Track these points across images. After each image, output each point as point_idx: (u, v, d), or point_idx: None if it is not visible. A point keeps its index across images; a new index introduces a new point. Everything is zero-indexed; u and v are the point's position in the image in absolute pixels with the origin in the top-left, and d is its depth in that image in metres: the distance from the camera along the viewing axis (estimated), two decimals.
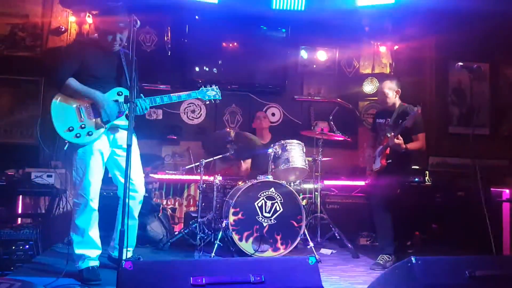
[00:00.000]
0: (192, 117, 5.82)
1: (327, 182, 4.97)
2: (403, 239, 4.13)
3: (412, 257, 1.95)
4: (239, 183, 4.06)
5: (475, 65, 3.15)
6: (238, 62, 5.75)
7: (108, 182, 3.15)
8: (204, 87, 3.22)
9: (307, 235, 3.70)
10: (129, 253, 3.05)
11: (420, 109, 3.44)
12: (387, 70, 6.04)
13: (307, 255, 2.06)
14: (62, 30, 5.16)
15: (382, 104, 3.96)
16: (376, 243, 4.36)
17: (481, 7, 4.82)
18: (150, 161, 4.91)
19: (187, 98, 3.18)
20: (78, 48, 3.05)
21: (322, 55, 6.00)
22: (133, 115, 2.54)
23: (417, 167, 5.07)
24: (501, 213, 4.27)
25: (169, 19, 5.58)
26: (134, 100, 2.56)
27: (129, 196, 2.33)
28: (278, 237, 3.59)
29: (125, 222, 2.30)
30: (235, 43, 5.80)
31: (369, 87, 6.00)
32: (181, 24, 5.60)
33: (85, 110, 2.87)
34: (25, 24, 5.17)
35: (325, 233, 4.19)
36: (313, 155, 4.34)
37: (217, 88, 3.26)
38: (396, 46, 6.03)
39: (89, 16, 5.26)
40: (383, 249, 3.63)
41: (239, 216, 3.56)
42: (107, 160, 3.02)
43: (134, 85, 2.58)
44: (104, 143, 2.96)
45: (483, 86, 5.97)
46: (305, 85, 6.09)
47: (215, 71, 5.72)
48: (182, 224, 4.74)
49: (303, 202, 4.20)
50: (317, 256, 3.62)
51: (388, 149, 3.65)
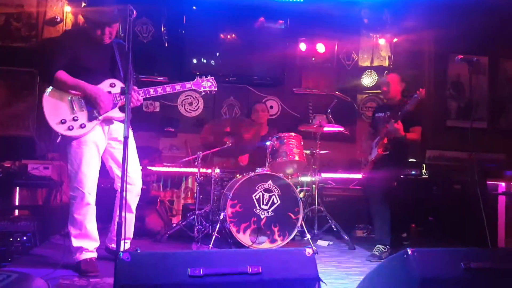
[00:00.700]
0: (189, 109, 5.80)
1: (325, 175, 4.97)
2: (399, 231, 4.16)
3: (408, 249, 1.96)
4: (237, 175, 4.06)
5: (475, 58, 3.15)
6: (236, 54, 5.71)
7: (105, 174, 3.14)
8: (199, 78, 3.19)
9: (304, 227, 3.72)
10: (127, 245, 3.06)
11: (424, 91, 3.44)
12: (386, 63, 6.02)
13: (304, 246, 2.05)
14: (58, 20, 5.10)
15: (384, 96, 3.95)
16: (373, 235, 4.39)
17: (480, 0, 4.80)
18: (147, 154, 4.89)
19: (181, 89, 3.13)
20: (68, 40, 2.98)
21: (321, 48, 5.96)
22: (129, 107, 2.52)
23: (414, 160, 5.08)
24: (496, 206, 4.29)
25: (166, 10, 5.53)
26: (130, 92, 2.53)
27: (126, 188, 2.31)
28: (276, 229, 3.60)
29: (122, 214, 2.30)
30: (233, 35, 5.76)
31: (367, 80, 5.98)
32: (179, 14, 5.55)
33: (77, 103, 2.83)
34: (20, 14, 5.10)
35: (322, 225, 4.21)
36: (311, 148, 4.34)
37: (212, 79, 3.22)
38: (395, 39, 6.01)
39: (84, 6, 5.20)
40: (380, 240, 3.65)
41: (237, 208, 3.57)
42: (103, 153, 3.00)
43: (130, 77, 2.55)
44: (99, 135, 2.93)
45: (482, 80, 5.97)
46: (303, 77, 6.07)
47: (213, 63, 5.69)
48: (180, 216, 4.74)
49: (301, 195, 4.21)
50: (314, 247, 3.63)
51: (385, 139, 3.65)
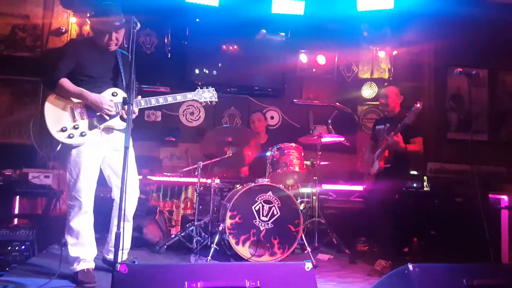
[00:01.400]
0: (191, 119, 5.82)
1: (325, 186, 4.96)
2: (401, 245, 4.12)
3: (409, 264, 1.94)
4: (237, 186, 4.04)
5: (474, 71, 3.15)
6: (237, 65, 5.77)
7: (103, 183, 3.13)
8: (200, 89, 3.22)
9: (304, 240, 3.69)
10: (124, 255, 3.03)
11: (421, 104, 3.44)
12: (386, 75, 6.05)
13: (304, 260, 2.04)
14: (63, 31, 5.17)
15: (383, 108, 3.96)
16: (374, 249, 4.35)
17: (480, 13, 4.84)
18: (148, 163, 4.90)
19: (182, 100, 3.15)
20: (72, 48, 3.02)
21: (321, 59, 6.01)
22: (131, 117, 2.53)
23: (415, 172, 5.06)
24: (499, 220, 4.25)
25: (170, 22, 5.60)
26: (132, 102, 2.54)
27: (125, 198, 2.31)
28: (275, 242, 3.57)
29: (121, 224, 2.29)
30: (235, 46, 5.81)
31: (368, 91, 6.01)
32: (182, 26, 5.62)
33: (79, 111, 2.85)
34: (26, 25, 5.18)
35: (322, 238, 4.18)
36: (312, 159, 4.33)
37: (213, 90, 3.25)
38: (395, 51, 6.04)
39: (89, 17, 5.26)
40: (381, 254, 3.61)
41: (236, 219, 3.54)
42: (102, 162, 3.00)
43: (133, 87, 2.56)
44: (98, 145, 2.94)
45: (482, 93, 5.98)
46: (304, 88, 6.10)
47: (215, 74, 5.74)
48: (179, 227, 4.72)
49: (301, 206, 4.19)
50: (314, 261, 3.60)
51: (386, 151, 3.64)
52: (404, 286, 1.96)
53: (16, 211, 4.28)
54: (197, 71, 5.70)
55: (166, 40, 5.61)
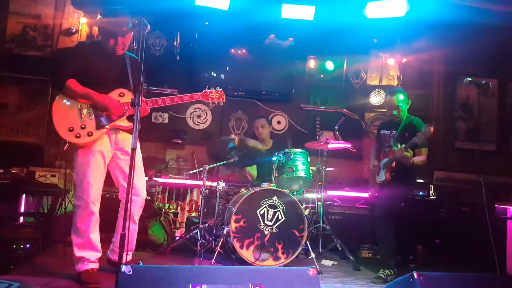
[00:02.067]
0: (197, 122, 5.83)
1: (331, 193, 4.94)
2: (405, 253, 4.09)
3: (414, 273, 1.93)
4: (242, 190, 4.04)
5: (483, 80, 3.13)
6: (245, 69, 5.79)
7: (110, 183, 3.14)
8: (208, 89, 3.22)
9: (308, 245, 3.67)
10: (129, 257, 3.04)
11: (433, 128, 3.39)
12: (395, 82, 6.03)
13: (308, 265, 2.03)
14: (73, 31, 5.22)
15: (390, 114, 3.91)
16: (378, 256, 4.32)
17: (491, 22, 4.81)
18: (154, 165, 4.91)
19: (189, 100, 3.16)
20: (80, 51, 3.05)
21: (330, 65, 6.02)
22: (139, 118, 2.53)
23: (422, 181, 5.03)
24: (505, 230, 4.21)
25: (179, 24, 5.62)
26: (140, 104, 2.55)
27: (131, 200, 2.31)
28: (280, 246, 3.56)
29: (126, 225, 2.29)
30: (244, 50, 5.83)
31: (376, 98, 5.99)
32: (191, 29, 5.65)
33: (86, 111, 2.87)
34: (37, 24, 5.23)
35: (327, 243, 4.16)
36: (318, 165, 4.32)
37: (221, 91, 3.25)
38: (404, 59, 6.03)
39: (97, 21, 5.31)
40: (385, 262, 3.59)
41: (241, 223, 3.54)
42: (108, 163, 3.02)
43: (141, 88, 2.57)
44: (106, 145, 2.95)
45: (491, 102, 5.95)
46: (311, 94, 6.10)
47: (223, 77, 5.76)
48: (184, 229, 4.71)
49: (306, 212, 4.18)
50: (318, 267, 3.58)
51: (394, 162, 3.61)
52: None
53: (22, 210, 4.30)
54: (205, 74, 5.72)
55: (175, 43, 5.63)
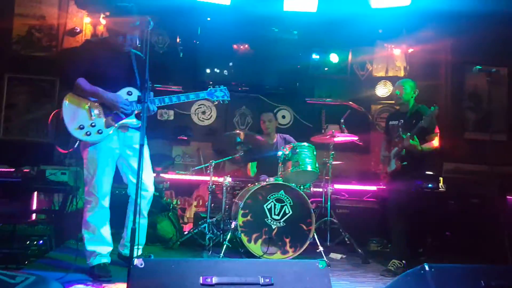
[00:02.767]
0: (202, 118, 5.84)
1: (338, 186, 4.91)
2: (415, 245, 4.06)
3: (426, 264, 1.91)
4: (249, 185, 4.04)
5: (493, 68, 3.09)
6: (249, 64, 5.76)
7: (119, 180, 3.17)
8: (213, 88, 3.24)
9: (316, 239, 3.67)
10: (139, 251, 3.06)
11: (438, 110, 3.39)
12: (401, 73, 5.97)
13: (317, 259, 2.02)
14: (77, 31, 5.25)
15: (396, 101, 3.89)
16: (387, 249, 4.30)
17: (499, 9, 4.73)
18: (161, 161, 4.94)
19: (195, 99, 3.20)
20: (87, 49, 3.08)
21: (334, 58, 5.96)
22: (146, 115, 2.55)
23: (431, 172, 4.98)
24: None
25: (182, 21, 5.62)
26: (146, 100, 2.56)
27: (140, 195, 2.34)
28: (287, 240, 3.56)
29: (136, 220, 2.31)
30: (246, 45, 5.80)
31: (382, 90, 5.93)
32: (194, 26, 5.64)
33: (95, 109, 2.91)
34: (41, 25, 5.28)
35: (334, 237, 4.15)
36: (324, 158, 4.30)
37: (225, 89, 3.28)
38: (410, 49, 5.96)
39: (103, 18, 5.33)
40: (395, 255, 3.57)
41: (248, 217, 3.55)
42: (117, 159, 3.05)
43: (147, 86, 2.58)
44: (115, 142, 2.99)
45: (501, 91, 5.85)
46: (316, 87, 6.06)
47: (226, 73, 5.75)
48: (192, 224, 4.74)
49: (313, 206, 4.17)
50: (326, 260, 3.57)
51: (403, 151, 3.59)
52: (420, 286, 1.93)
53: (34, 207, 4.36)
54: (208, 70, 5.72)
55: (178, 40, 5.64)
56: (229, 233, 3.59)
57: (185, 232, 4.19)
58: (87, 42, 3.44)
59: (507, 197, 4.24)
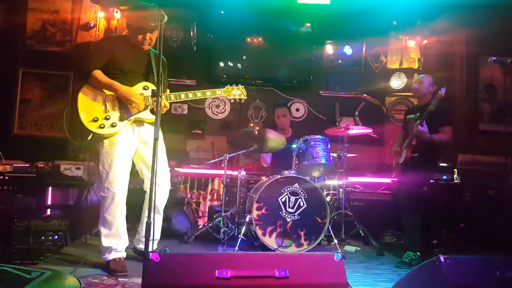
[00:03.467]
0: (216, 112, 5.85)
1: (352, 179, 4.90)
2: (430, 237, 4.05)
3: (441, 256, 1.91)
4: (263, 178, 4.06)
5: (509, 59, 3.04)
6: (262, 57, 5.75)
7: (134, 175, 3.20)
8: (230, 86, 3.24)
9: (331, 231, 3.67)
10: (154, 245, 3.09)
11: (444, 91, 3.35)
12: (416, 65, 5.89)
13: (331, 251, 2.03)
14: (91, 25, 5.28)
15: (414, 95, 3.88)
16: (402, 241, 4.28)
17: None
18: (175, 155, 4.97)
19: (211, 96, 3.22)
20: (108, 43, 3.11)
21: (348, 50, 5.92)
22: (160, 109, 2.56)
23: (446, 164, 4.94)
24: None
25: (195, 14, 5.62)
26: (161, 95, 2.58)
27: (155, 190, 2.36)
28: (302, 233, 3.57)
29: (151, 214, 2.34)
30: (260, 38, 5.79)
31: (396, 82, 5.85)
32: (207, 19, 5.64)
33: (110, 102, 2.93)
34: (55, 20, 5.31)
35: (349, 230, 4.15)
36: (338, 151, 4.29)
37: (242, 87, 3.27)
38: (425, 41, 5.87)
39: (117, 12, 5.35)
40: (409, 247, 3.56)
41: (263, 211, 3.56)
42: (133, 154, 3.07)
43: (161, 80, 2.60)
44: (130, 137, 3.00)
45: None
46: (330, 80, 6.01)
47: (239, 66, 5.73)
48: (206, 218, 4.78)
49: (327, 199, 4.17)
50: (341, 253, 3.58)
51: (414, 140, 3.56)
52: (436, 278, 1.93)
53: (49, 202, 4.42)
54: (222, 64, 5.72)
55: (192, 33, 5.64)
56: (244, 227, 3.61)
57: (200, 226, 4.23)
58: (107, 38, 3.47)
59: None
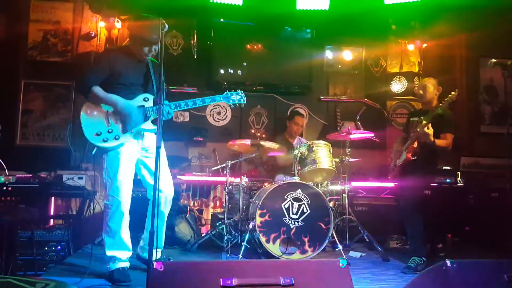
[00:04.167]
0: (218, 118, 5.86)
1: (355, 184, 4.88)
2: (434, 241, 4.02)
3: (447, 260, 1.89)
4: (265, 184, 4.05)
5: (509, 61, 3.04)
6: (262, 64, 5.77)
7: (137, 183, 3.20)
8: (229, 91, 3.24)
9: (335, 237, 3.65)
10: (158, 254, 3.09)
11: (456, 94, 3.36)
12: (416, 68, 5.90)
13: (336, 257, 2.01)
14: (92, 35, 5.30)
15: (420, 100, 3.87)
16: (407, 246, 4.26)
17: None
18: (177, 163, 4.97)
19: (211, 102, 3.21)
20: (107, 58, 3.10)
21: (347, 55, 5.95)
22: (162, 117, 2.56)
23: (448, 167, 4.92)
24: None
25: (195, 22, 5.67)
26: (162, 103, 2.58)
27: (158, 197, 2.35)
28: (306, 239, 3.55)
29: (155, 223, 2.33)
30: (259, 45, 5.81)
31: (397, 86, 5.87)
32: (207, 27, 5.67)
33: (112, 116, 2.94)
34: (56, 30, 5.34)
35: (353, 235, 4.13)
36: (340, 156, 4.29)
37: (241, 92, 3.27)
38: (424, 44, 5.88)
39: (118, 21, 5.38)
40: (415, 251, 3.53)
41: (266, 217, 3.55)
42: (136, 163, 3.07)
43: (163, 88, 2.60)
44: (133, 146, 3.01)
45: None
46: (331, 85, 6.04)
47: (240, 73, 5.76)
48: (209, 226, 4.76)
49: (331, 204, 4.15)
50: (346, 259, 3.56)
51: (415, 142, 3.55)
52: (442, 282, 1.91)
53: (52, 212, 4.41)
54: (222, 71, 5.74)
55: (192, 41, 5.67)
56: (247, 234, 3.59)
57: (203, 234, 4.21)
58: (106, 51, 3.46)
59: None
